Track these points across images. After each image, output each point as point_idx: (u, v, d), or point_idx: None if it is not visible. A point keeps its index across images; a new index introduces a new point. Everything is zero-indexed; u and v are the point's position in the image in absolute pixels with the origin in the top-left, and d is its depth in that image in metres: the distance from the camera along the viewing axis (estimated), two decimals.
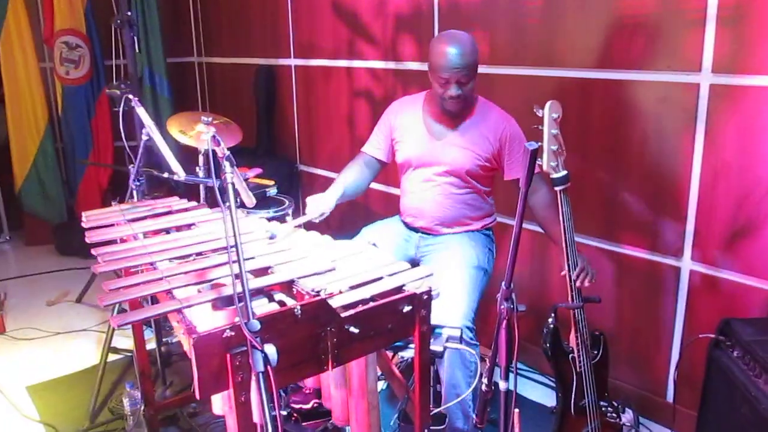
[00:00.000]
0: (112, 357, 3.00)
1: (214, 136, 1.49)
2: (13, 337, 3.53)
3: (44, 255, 4.77)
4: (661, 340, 2.62)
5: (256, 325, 1.22)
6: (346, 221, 4.07)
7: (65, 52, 4.58)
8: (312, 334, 1.47)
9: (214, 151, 1.50)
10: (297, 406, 2.50)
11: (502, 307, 1.46)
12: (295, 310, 1.43)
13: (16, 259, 4.85)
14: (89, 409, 2.74)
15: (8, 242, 5.08)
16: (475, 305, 2.30)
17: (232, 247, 1.35)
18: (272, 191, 2.94)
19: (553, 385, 2.83)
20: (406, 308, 1.62)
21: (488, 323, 2.95)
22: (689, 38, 2.31)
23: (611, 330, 2.69)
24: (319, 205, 2.38)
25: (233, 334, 1.33)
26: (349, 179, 2.54)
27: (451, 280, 2.29)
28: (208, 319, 1.48)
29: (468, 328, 2.19)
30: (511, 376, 1.57)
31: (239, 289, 1.30)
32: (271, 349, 1.26)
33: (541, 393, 2.90)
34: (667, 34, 2.37)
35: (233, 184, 1.49)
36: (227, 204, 1.39)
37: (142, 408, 2.50)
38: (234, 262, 1.34)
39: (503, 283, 1.47)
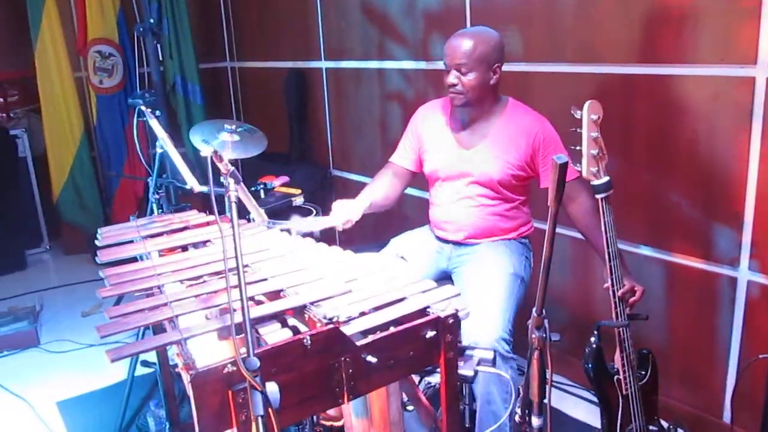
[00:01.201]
0: (141, 371, 2.94)
1: (215, 152, 1.38)
2: (46, 350, 3.52)
3: (81, 264, 4.78)
4: (716, 356, 2.41)
5: (255, 363, 1.10)
6: (380, 228, 3.94)
7: (98, 61, 4.58)
8: (324, 366, 1.34)
9: (216, 168, 1.39)
10: (328, 423, 2.38)
11: (534, 336, 1.31)
12: (305, 340, 1.30)
13: (54, 268, 4.89)
14: (117, 427, 2.69)
15: (48, 251, 5.12)
16: (512, 315, 2.15)
17: (232, 271, 1.24)
18: (299, 200, 2.83)
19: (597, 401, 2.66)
20: (430, 333, 1.48)
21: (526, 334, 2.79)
22: (743, 28, 2.10)
23: (661, 345, 2.50)
24: (346, 212, 2.29)
25: (235, 369, 1.21)
26: (376, 192, 2.43)
27: (485, 290, 2.15)
28: (215, 349, 1.38)
29: (504, 340, 2.05)
30: (550, 396, 1.41)
31: (239, 319, 1.19)
32: (272, 388, 1.14)
33: (584, 410, 2.72)
34: (719, 25, 2.16)
35: (238, 201, 1.37)
36: (228, 226, 1.28)
37: (168, 428, 2.42)
38: (234, 287, 1.23)
39: (534, 310, 1.32)
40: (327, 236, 2.76)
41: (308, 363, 1.32)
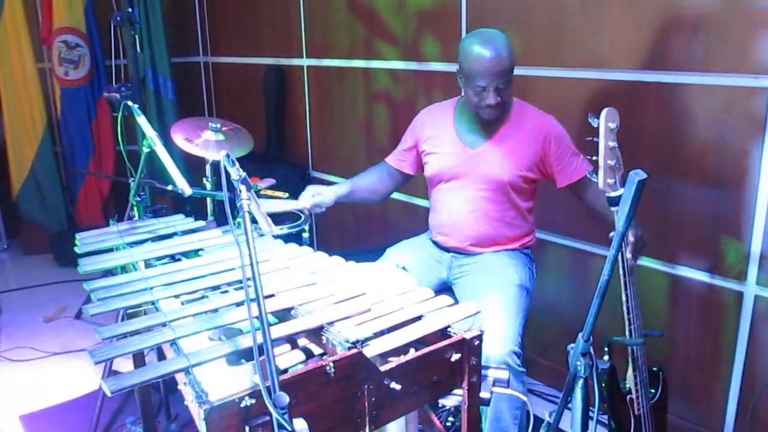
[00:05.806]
0: None
1: (228, 155, 1.24)
2: (6, 358, 3.28)
3: (42, 265, 4.53)
4: (719, 372, 2.35)
5: (284, 399, 0.97)
6: (362, 233, 3.83)
7: (64, 51, 4.33)
8: (347, 395, 1.22)
9: (227, 173, 1.25)
10: None
11: (578, 363, 1.20)
12: (327, 367, 1.18)
13: (13, 269, 4.63)
14: None
15: (6, 251, 4.85)
16: (521, 328, 2.06)
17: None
18: None
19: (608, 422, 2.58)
20: (455, 356, 1.37)
21: (527, 348, 2.71)
22: (759, 37, 2.04)
23: (662, 359, 2.44)
24: (315, 195, 2.25)
25: (254, 401, 1.08)
26: (362, 182, 2.41)
27: (492, 302, 2.05)
28: (221, 377, 1.23)
29: (516, 354, 1.96)
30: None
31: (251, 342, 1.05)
32: (301, 426, 1.01)
33: None
34: (733, 33, 2.10)
35: (250, 212, 1.24)
36: (243, 241, 1.14)
37: None
38: (251, 300, 1.09)
39: (581, 335, 1.21)
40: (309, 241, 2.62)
41: (329, 392, 1.19)
